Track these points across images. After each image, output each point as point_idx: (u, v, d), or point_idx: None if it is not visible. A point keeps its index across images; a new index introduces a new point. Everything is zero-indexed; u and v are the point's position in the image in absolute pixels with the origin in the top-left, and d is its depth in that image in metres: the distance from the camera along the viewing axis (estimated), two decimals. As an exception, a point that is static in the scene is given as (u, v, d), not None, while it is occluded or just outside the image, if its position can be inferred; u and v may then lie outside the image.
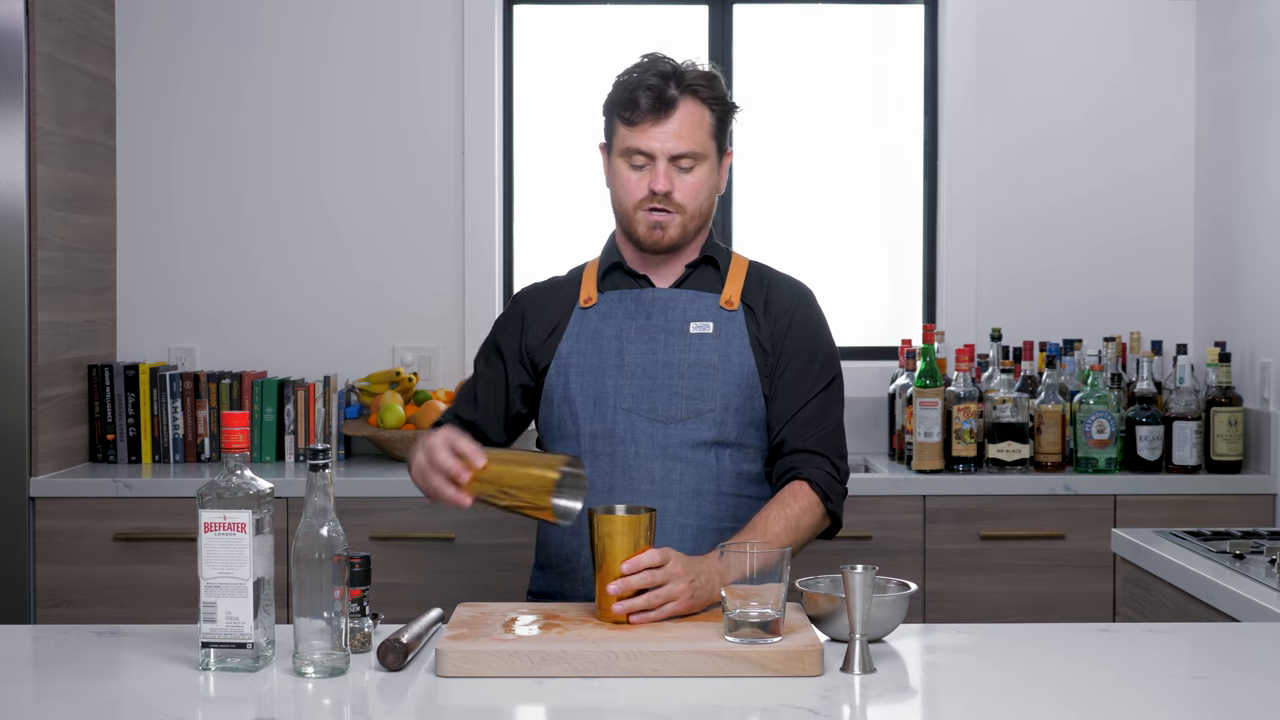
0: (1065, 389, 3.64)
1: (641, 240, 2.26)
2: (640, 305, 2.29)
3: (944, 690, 1.78)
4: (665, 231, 2.24)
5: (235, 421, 1.78)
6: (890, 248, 4.17)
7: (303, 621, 1.73)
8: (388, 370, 3.86)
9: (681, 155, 2.21)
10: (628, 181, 2.24)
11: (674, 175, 2.22)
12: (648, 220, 2.24)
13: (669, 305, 2.28)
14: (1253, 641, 1.99)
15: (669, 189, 2.21)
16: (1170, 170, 3.98)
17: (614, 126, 2.26)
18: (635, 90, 2.20)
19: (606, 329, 2.28)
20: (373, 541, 3.37)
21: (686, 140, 2.21)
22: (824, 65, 4.15)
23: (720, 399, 2.24)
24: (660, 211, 2.23)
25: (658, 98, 2.19)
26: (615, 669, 1.72)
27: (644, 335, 2.26)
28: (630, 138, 2.22)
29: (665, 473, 2.22)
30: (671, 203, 2.22)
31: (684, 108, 2.21)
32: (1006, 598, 3.45)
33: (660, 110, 2.20)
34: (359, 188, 3.99)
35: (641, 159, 2.22)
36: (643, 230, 2.25)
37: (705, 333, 2.26)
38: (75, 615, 3.39)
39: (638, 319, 2.28)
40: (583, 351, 2.27)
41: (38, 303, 3.44)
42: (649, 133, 2.20)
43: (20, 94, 3.39)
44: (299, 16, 3.97)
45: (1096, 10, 3.99)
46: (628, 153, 2.23)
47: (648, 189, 2.22)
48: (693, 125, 2.22)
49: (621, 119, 2.23)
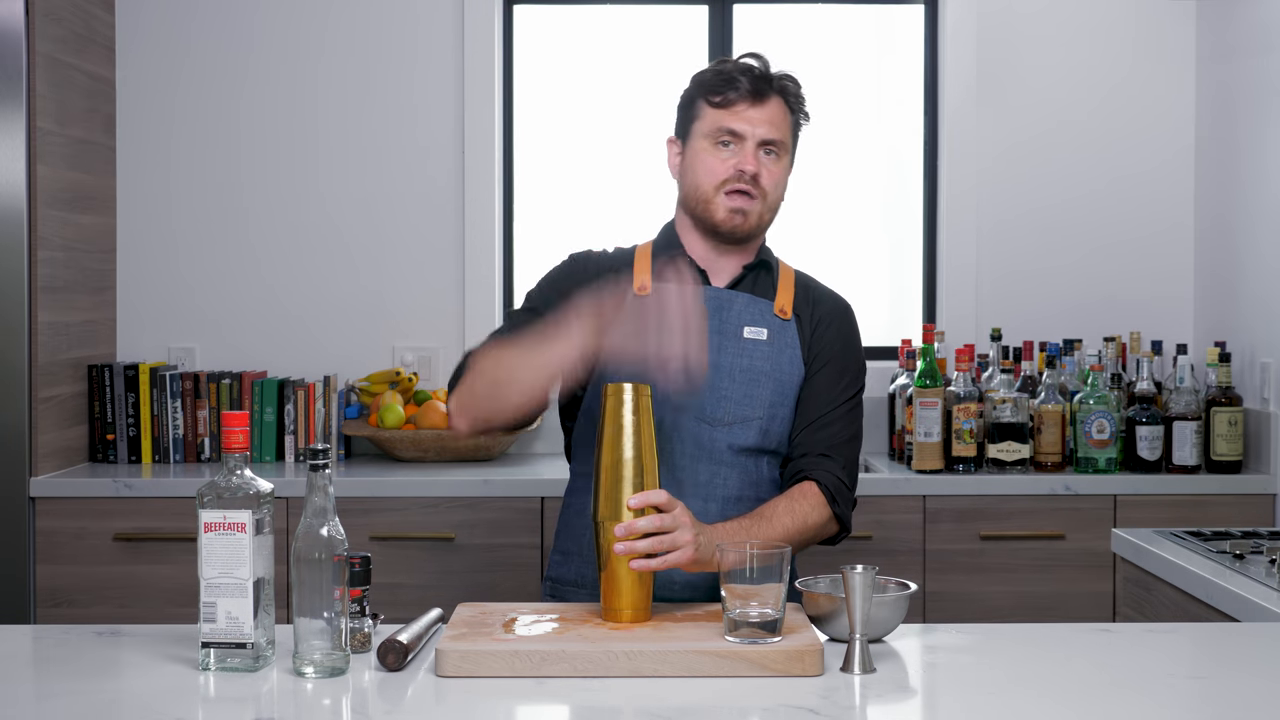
0: (1065, 389, 3.64)
1: (719, 225, 2.23)
2: (694, 303, 2.25)
3: (944, 690, 1.78)
4: (746, 217, 2.22)
5: (235, 421, 1.78)
6: (890, 247, 4.17)
7: (303, 621, 1.73)
8: (388, 370, 3.87)
9: (771, 141, 2.22)
10: (712, 163, 2.21)
11: (762, 159, 2.22)
12: (729, 204, 2.21)
13: (725, 306, 2.25)
14: (1253, 641, 1.99)
15: (757, 170, 2.20)
16: (1170, 170, 3.98)
17: (698, 111, 2.24)
18: (733, 75, 2.21)
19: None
20: (373, 541, 3.37)
21: (778, 128, 2.22)
22: (824, 65, 4.15)
23: (768, 407, 2.22)
24: (743, 195, 2.21)
25: (755, 83, 2.21)
26: (615, 669, 1.72)
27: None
28: (722, 118, 2.21)
29: (710, 476, 2.20)
30: (757, 186, 2.21)
31: (775, 100, 2.23)
32: (1006, 598, 3.45)
33: (757, 95, 2.21)
34: (359, 187, 3.99)
35: (730, 138, 2.21)
36: (722, 214, 2.22)
37: (759, 339, 2.24)
38: (75, 615, 3.39)
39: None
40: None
41: (38, 303, 3.44)
42: (744, 114, 2.20)
43: (20, 94, 3.39)
44: (299, 16, 3.97)
45: (1096, 10, 3.99)
46: (716, 133, 2.21)
47: (734, 169, 2.20)
48: (781, 117, 2.23)
49: (711, 102, 2.22)
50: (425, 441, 3.66)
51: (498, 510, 3.40)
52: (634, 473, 1.93)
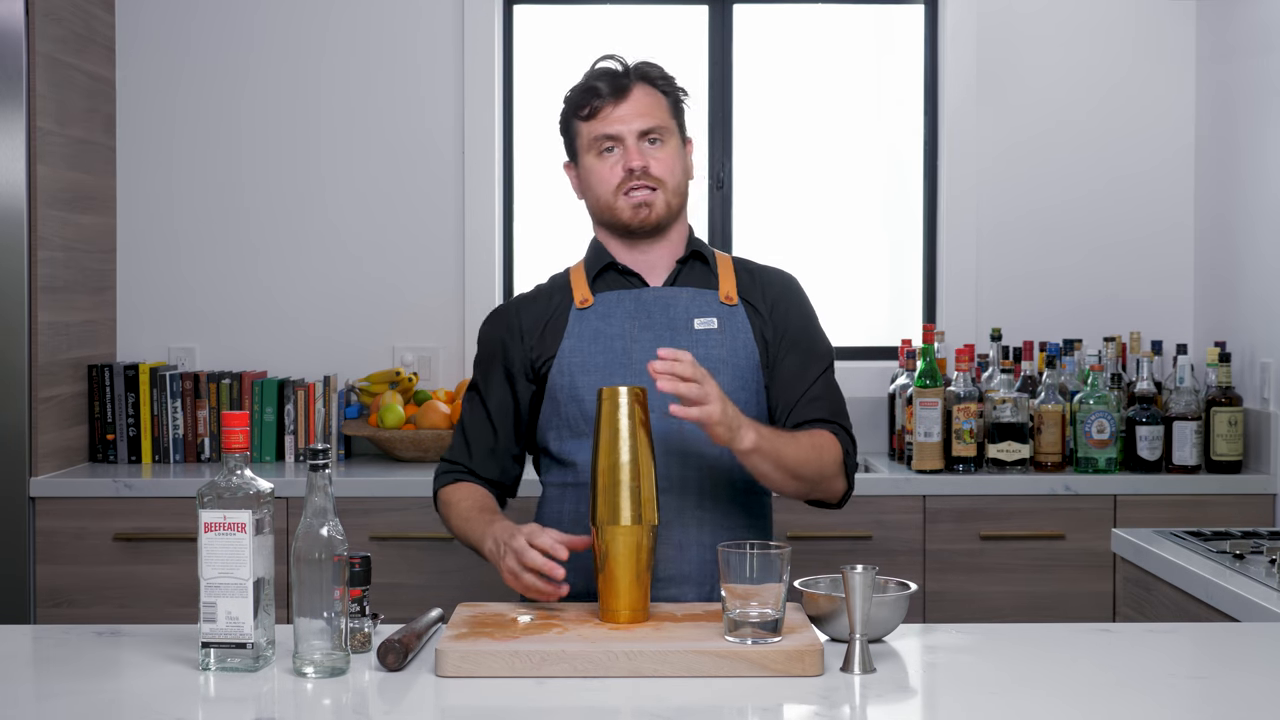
0: (1065, 389, 3.64)
1: (628, 223, 2.26)
2: (640, 304, 2.28)
3: (944, 690, 1.78)
4: (651, 208, 2.25)
5: (235, 421, 1.78)
6: (890, 248, 4.17)
7: (303, 621, 1.73)
8: (388, 370, 3.87)
9: (648, 130, 2.25)
10: (602, 171, 2.26)
11: (646, 150, 2.25)
12: (630, 202, 2.25)
13: (671, 302, 2.28)
14: (1253, 641, 1.99)
15: (644, 163, 2.24)
16: (1170, 170, 3.98)
17: (575, 130, 2.30)
18: (589, 84, 2.26)
19: (608, 328, 2.26)
20: (373, 541, 3.37)
21: (649, 116, 2.25)
22: (824, 65, 4.15)
23: (728, 394, 2.23)
24: (641, 189, 2.24)
25: (612, 83, 2.25)
26: (615, 669, 1.72)
27: (648, 333, 2.25)
28: (594, 127, 2.25)
29: (683, 470, 2.21)
30: (650, 177, 2.24)
31: (639, 90, 2.26)
32: (1006, 598, 3.45)
33: (618, 93, 2.25)
34: (359, 187, 3.99)
35: (610, 143, 2.25)
36: (627, 213, 2.25)
37: (710, 328, 2.26)
38: (75, 615, 3.39)
39: (639, 317, 2.27)
40: (586, 351, 2.25)
41: (38, 303, 3.44)
42: (611, 116, 2.24)
43: (20, 94, 3.39)
44: (299, 17, 3.97)
45: (1097, 10, 3.99)
46: (596, 142, 2.25)
47: (623, 169, 2.24)
48: (651, 104, 2.26)
49: (581, 118, 2.27)
50: (425, 441, 3.66)
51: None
52: (631, 476, 1.93)
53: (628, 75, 2.26)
